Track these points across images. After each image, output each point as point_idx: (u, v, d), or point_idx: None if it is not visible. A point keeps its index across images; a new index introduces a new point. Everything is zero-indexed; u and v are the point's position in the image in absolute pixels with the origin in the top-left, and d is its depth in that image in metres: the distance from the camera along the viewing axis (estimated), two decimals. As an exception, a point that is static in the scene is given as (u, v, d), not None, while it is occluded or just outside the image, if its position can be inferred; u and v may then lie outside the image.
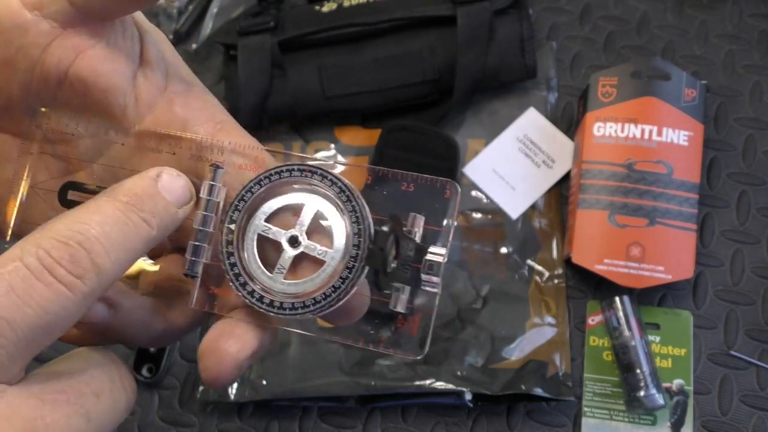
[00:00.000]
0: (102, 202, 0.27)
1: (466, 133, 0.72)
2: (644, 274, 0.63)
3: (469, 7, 0.69)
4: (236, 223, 0.30)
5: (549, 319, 0.66)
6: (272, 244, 0.30)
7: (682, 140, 0.66)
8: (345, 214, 0.30)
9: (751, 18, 0.73)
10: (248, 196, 0.30)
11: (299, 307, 0.29)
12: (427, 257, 0.29)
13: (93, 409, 0.26)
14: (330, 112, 0.72)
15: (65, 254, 0.24)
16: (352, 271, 0.29)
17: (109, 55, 0.30)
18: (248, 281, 0.30)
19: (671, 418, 0.62)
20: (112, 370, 0.27)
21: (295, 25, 0.71)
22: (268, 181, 0.30)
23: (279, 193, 0.31)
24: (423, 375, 0.64)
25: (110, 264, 0.26)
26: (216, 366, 0.30)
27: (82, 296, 0.25)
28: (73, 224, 0.25)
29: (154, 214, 0.28)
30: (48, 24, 0.28)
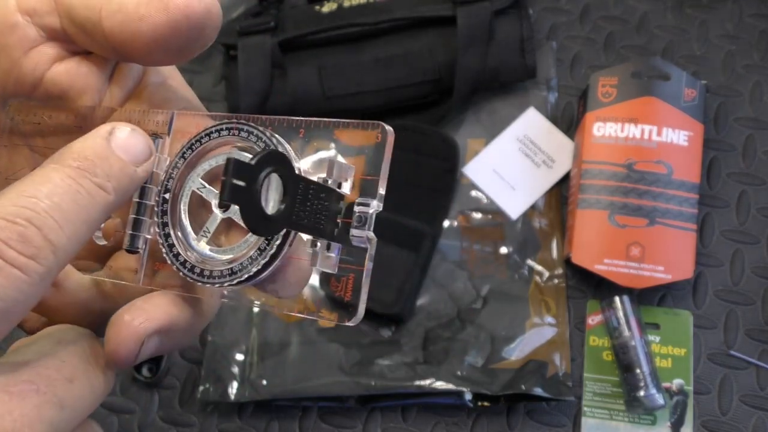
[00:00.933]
0: (49, 171, 0.24)
1: (466, 133, 0.72)
2: (644, 274, 0.63)
3: (469, 7, 0.69)
4: (171, 191, 0.29)
5: (549, 319, 0.66)
6: (206, 207, 0.29)
7: (682, 140, 0.66)
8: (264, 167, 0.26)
9: (751, 18, 0.73)
10: (181, 162, 0.29)
11: (227, 275, 0.27)
12: (355, 210, 0.27)
13: (67, 395, 0.24)
14: (330, 112, 0.72)
15: (13, 234, 0.22)
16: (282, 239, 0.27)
17: (86, 61, 0.30)
18: (181, 252, 0.28)
19: (671, 418, 0.62)
20: (86, 349, 0.26)
21: (296, 25, 0.71)
22: (199, 144, 0.28)
23: (213, 153, 0.29)
24: (423, 375, 0.64)
25: (66, 239, 0.23)
26: (115, 337, 0.26)
27: (38, 277, 0.23)
28: (18, 199, 0.23)
29: (109, 177, 0.25)
30: (35, 31, 0.28)
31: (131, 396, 0.67)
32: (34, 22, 0.28)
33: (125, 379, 0.68)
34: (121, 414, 0.67)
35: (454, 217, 0.70)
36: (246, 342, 0.67)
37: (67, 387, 0.24)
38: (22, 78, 0.29)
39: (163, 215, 0.29)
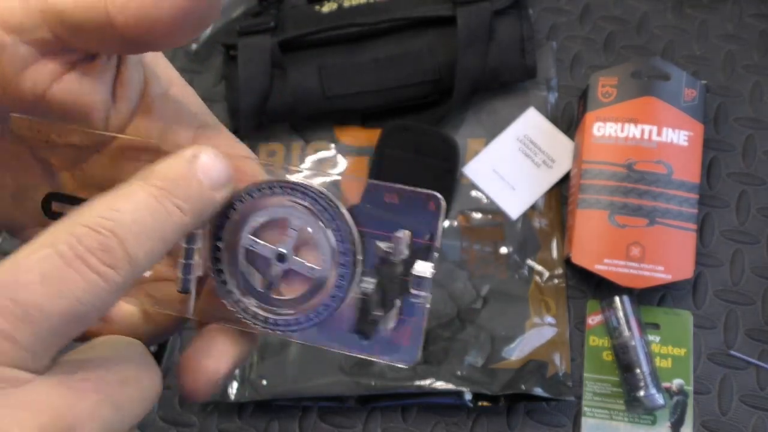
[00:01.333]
0: (134, 188, 0.26)
1: (466, 133, 0.72)
2: (644, 274, 0.63)
3: (469, 7, 0.69)
4: (222, 240, 0.30)
5: (549, 319, 0.66)
6: (261, 259, 0.30)
7: (682, 140, 0.66)
8: (329, 230, 0.29)
9: (751, 18, 0.73)
10: (231, 212, 0.30)
11: (292, 324, 0.30)
12: (414, 272, 0.29)
13: (120, 397, 0.25)
14: (330, 112, 0.72)
15: (97, 243, 0.23)
16: (340, 289, 0.29)
17: (87, 75, 0.29)
18: (241, 298, 0.30)
19: (671, 418, 0.63)
20: (138, 357, 0.27)
21: (295, 25, 0.71)
22: (250, 198, 0.30)
23: (263, 207, 0.30)
24: (423, 375, 0.64)
25: (143, 254, 0.24)
26: (192, 384, 0.29)
27: (115, 286, 0.24)
28: (104, 211, 0.24)
29: (188, 200, 0.26)
30: (26, 49, 0.27)
31: (131, 396, 0.67)
32: (23, 40, 0.27)
33: (125, 379, 0.68)
34: (121, 414, 0.67)
35: (454, 217, 0.70)
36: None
37: (121, 389, 0.25)
38: (21, 97, 0.28)
39: (216, 262, 0.30)
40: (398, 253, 0.29)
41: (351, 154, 0.73)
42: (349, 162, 0.72)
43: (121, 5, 0.26)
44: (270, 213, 0.30)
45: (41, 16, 0.26)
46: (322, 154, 0.73)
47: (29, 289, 0.22)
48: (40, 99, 0.28)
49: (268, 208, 0.30)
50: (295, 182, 0.29)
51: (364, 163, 0.72)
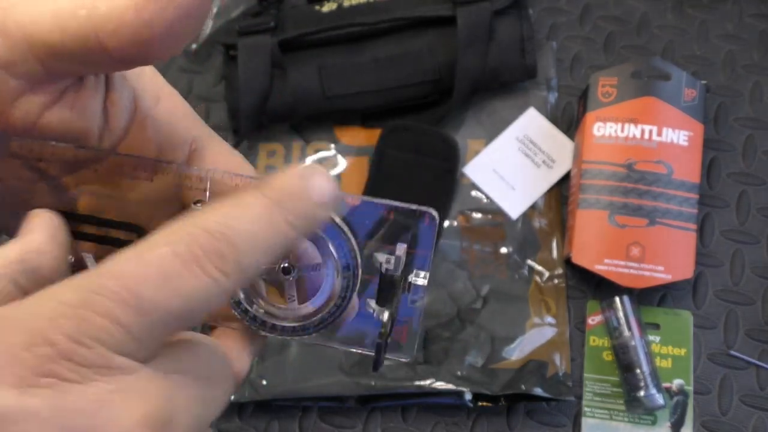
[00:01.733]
0: (251, 198, 0.26)
1: (466, 133, 0.72)
2: (644, 274, 0.63)
3: (469, 7, 0.69)
4: None
5: (549, 319, 0.66)
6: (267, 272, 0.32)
7: (682, 140, 0.66)
8: (331, 244, 0.31)
9: (751, 18, 0.73)
10: None
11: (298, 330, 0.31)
12: (412, 281, 0.31)
13: (208, 395, 0.26)
14: (330, 112, 0.72)
15: (213, 248, 0.24)
16: (347, 290, 0.31)
17: (78, 102, 0.29)
18: (248, 308, 0.31)
19: (671, 418, 0.62)
20: (221, 359, 0.27)
21: (295, 25, 0.71)
22: None
23: None
24: (423, 375, 0.64)
25: (252, 264, 0.25)
26: None
27: (223, 292, 0.24)
28: (222, 218, 0.25)
29: (298, 216, 0.26)
30: (16, 82, 0.27)
31: (131, 396, 0.67)
32: (11, 73, 0.27)
33: (125, 379, 0.68)
34: (121, 414, 0.67)
35: (454, 217, 0.70)
36: (246, 342, 0.67)
37: (209, 388, 0.26)
38: (12, 126, 0.28)
39: None
40: (397, 265, 0.31)
41: (351, 154, 0.73)
42: (349, 162, 0.72)
43: (112, 31, 0.25)
44: None
45: (29, 49, 0.26)
46: (322, 154, 0.73)
47: (147, 284, 0.23)
48: (32, 128, 0.28)
49: None
50: None
51: (364, 163, 0.72)
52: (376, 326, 0.32)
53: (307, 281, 0.32)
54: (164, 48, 0.26)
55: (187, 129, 0.32)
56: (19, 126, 0.28)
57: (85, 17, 0.25)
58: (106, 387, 0.22)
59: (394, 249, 0.31)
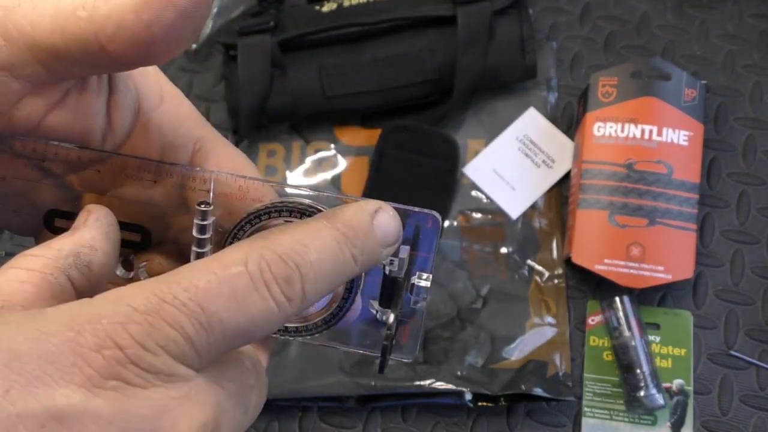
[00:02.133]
0: (322, 227, 0.27)
1: (466, 133, 0.72)
2: (644, 274, 0.63)
3: (469, 7, 0.69)
4: None
5: (549, 319, 0.66)
6: None
7: (682, 140, 0.66)
8: None
9: (751, 18, 0.73)
10: (240, 234, 0.31)
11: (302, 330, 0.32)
12: (415, 283, 0.32)
13: (248, 402, 0.27)
14: (330, 112, 0.72)
15: (283, 272, 0.25)
16: (351, 291, 0.31)
17: (81, 103, 0.29)
18: None
19: (671, 418, 0.62)
20: (258, 367, 0.28)
21: (295, 25, 0.71)
22: (258, 221, 0.31)
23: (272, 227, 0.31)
24: (423, 375, 0.64)
25: (315, 293, 0.26)
26: None
27: (284, 317, 0.25)
28: (294, 243, 0.25)
29: (363, 252, 0.28)
30: (18, 84, 0.27)
31: (131, 396, 0.67)
32: (13, 75, 0.26)
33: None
34: (121, 414, 0.67)
35: (454, 217, 0.70)
36: (246, 342, 0.67)
37: (249, 395, 0.27)
38: (16, 126, 0.28)
39: None
40: (401, 267, 0.31)
41: (351, 154, 0.73)
42: (349, 162, 0.72)
43: (112, 34, 0.25)
44: None
45: (30, 51, 0.26)
46: (322, 154, 0.73)
47: (218, 302, 0.23)
48: (35, 129, 0.28)
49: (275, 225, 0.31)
50: (304, 206, 0.31)
51: (364, 163, 0.72)
52: (378, 327, 0.32)
53: None
54: (165, 49, 0.26)
55: (191, 129, 0.32)
56: (21, 127, 0.28)
57: (86, 19, 0.25)
58: (168, 394, 0.22)
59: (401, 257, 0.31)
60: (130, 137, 0.31)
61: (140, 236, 0.32)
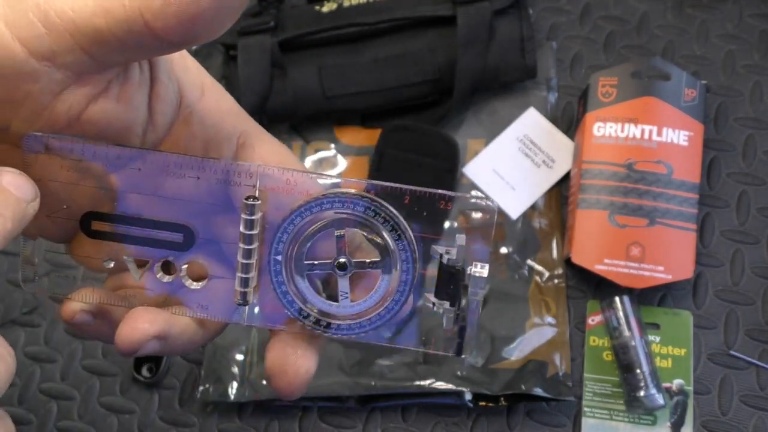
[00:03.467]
0: None
1: (466, 133, 0.72)
2: (644, 274, 0.63)
3: (469, 7, 0.69)
4: (282, 254, 0.31)
5: (549, 319, 0.66)
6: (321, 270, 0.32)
7: (682, 140, 0.66)
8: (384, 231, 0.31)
9: (751, 18, 0.73)
10: (290, 227, 0.31)
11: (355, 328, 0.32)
12: (474, 273, 0.31)
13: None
14: (330, 112, 0.72)
15: None
16: (406, 284, 0.31)
17: (123, 94, 0.28)
18: (303, 307, 0.31)
19: (671, 418, 0.62)
20: None
21: (295, 25, 0.71)
22: (309, 213, 0.30)
23: (321, 220, 0.31)
24: (423, 375, 0.64)
25: None
26: (289, 386, 0.32)
27: None
28: None
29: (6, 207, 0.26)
30: (61, 74, 0.26)
31: (131, 396, 0.67)
32: (56, 65, 0.25)
33: (125, 379, 0.68)
34: (121, 414, 0.67)
35: (454, 217, 0.70)
36: (246, 342, 0.67)
37: None
38: (55, 119, 0.27)
39: (276, 275, 0.31)
40: (459, 256, 0.31)
41: (351, 154, 0.73)
42: (349, 162, 0.72)
43: (158, 10, 0.24)
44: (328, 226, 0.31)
45: (72, 39, 0.25)
46: (322, 154, 0.73)
47: None
48: (75, 122, 0.27)
49: (326, 221, 0.31)
50: (352, 193, 0.30)
51: (364, 163, 0.72)
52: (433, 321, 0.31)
53: (364, 277, 0.32)
54: (212, 25, 0.25)
55: (234, 123, 0.31)
56: (63, 119, 0.27)
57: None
58: None
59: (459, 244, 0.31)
60: (171, 131, 0.30)
61: (183, 236, 0.31)
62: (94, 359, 0.69)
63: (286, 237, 0.31)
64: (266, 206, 0.30)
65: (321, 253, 0.31)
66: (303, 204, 0.30)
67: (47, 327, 0.70)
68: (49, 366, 0.69)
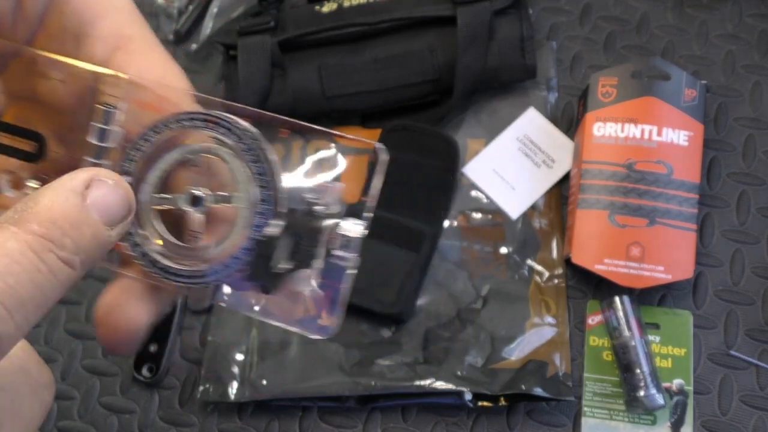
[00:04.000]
0: (6, 237, 0.20)
1: (466, 133, 0.72)
2: (644, 274, 0.63)
3: (469, 7, 0.69)
4: (132, 174, 0.26)
5: (549, 319, 0.66)
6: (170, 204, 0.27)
7: (682, 140, 0.66)
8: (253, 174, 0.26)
9: (751, 18, 0.73)
10: (143, 144, 0.26)
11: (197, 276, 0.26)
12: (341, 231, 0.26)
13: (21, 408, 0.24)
14: (330, 112, 0.72)
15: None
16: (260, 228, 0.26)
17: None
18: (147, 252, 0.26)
19: (671, 418, 0.62)
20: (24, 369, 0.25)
21: (295, 25, 0.71)
22: (165, 128, 0.26)
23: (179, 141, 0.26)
24: (423, 375, 0.64)
25: (14, 330, 0.20)
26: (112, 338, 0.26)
27: None
28: None
29: (78, 250, 0.21)
30: None
31: (131, 396, 0.67)
32: None
33: (125, 379, 0.68)
34: (121, 414, 0.67)
35: (454, 217, 0.70)
36: (246, 342, 0.67)
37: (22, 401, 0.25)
38: None
39: None
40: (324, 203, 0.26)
41: (351, 154, 0.72)
42: (349, 162, 0.72)
43: None
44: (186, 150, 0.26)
45: None
46: (322, 154, 0.73)
47: None
48: None
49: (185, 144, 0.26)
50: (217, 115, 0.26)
51: (364, 163, 0.72)
52: None
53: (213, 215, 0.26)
54: None
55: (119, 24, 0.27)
56: None
57: None
58: None
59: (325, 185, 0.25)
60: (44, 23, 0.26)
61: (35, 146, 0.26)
62: (94, 359, 0.69)
63: (138, 155, 0.26)
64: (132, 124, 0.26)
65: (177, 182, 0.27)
66: (162, 119, 0.26)
67: (47, 327, 0.70)
68: (50, 366, 0.68)
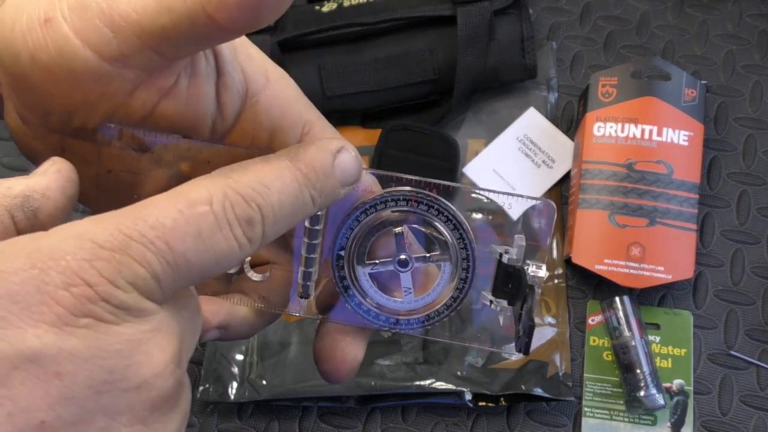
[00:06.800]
0: (284, 168, 0.27)
1: (466, 133, 0.72)
2: (644, 274, 0.63)
3: (469, 7, 0.69)
4: (345, 249, 0.32)
5: (549, 319, 0.66)
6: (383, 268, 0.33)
7: (682, 140, 0.66)
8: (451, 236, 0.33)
9: (751, 18, 0.73)
10: (355, 224, 0.32)
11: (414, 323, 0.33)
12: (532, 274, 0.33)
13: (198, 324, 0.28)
14: (330, 112, 0.72)
15: (245, 214, 0.25)
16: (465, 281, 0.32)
17: (192, 87, 0.29)
18: (362, 301, 0.33)
19: (671, 418, 0.62)
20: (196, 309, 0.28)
21: (295, 24, 0.71)
22: (374, 210, 0.31)
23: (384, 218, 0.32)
24: (423, 375, 0.64)
25: (273, 234, 0.26)
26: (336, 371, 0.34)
27: (244, 256, 0.26)
28: (257, 184, 0.26)
29: (322, 194, 0.28)
30: (132, 73, 0.27)
31: (131, 396, 0.67)
32: (127, 66, 0.26)
33: (125, 379, 0.68)
34: (120, 414, 0.67)
35: (458, 217, 0.70)
36: (246, 342, 0.67)
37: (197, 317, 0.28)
38: (130, 116, 0.28)
39: (339, 269, 0.33)
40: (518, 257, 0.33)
41: (351, 154, 0.73)
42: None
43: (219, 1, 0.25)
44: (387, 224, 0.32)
45: (139, 39, 0.26)
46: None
47: (184, 241, 0.24)
48: (149, 116, 0.28)
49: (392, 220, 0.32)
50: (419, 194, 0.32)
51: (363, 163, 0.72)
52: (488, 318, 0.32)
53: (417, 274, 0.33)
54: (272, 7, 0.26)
55: (300, 111, 0.32)
56: (137, 116, 0.28)
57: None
58: (140, 328, 0.23)
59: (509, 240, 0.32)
60: (239, 121, 0.31)
61: None
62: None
63: (350, 233, 0.32)
64: None
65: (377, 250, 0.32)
66: (368, 201, 0.31)
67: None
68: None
